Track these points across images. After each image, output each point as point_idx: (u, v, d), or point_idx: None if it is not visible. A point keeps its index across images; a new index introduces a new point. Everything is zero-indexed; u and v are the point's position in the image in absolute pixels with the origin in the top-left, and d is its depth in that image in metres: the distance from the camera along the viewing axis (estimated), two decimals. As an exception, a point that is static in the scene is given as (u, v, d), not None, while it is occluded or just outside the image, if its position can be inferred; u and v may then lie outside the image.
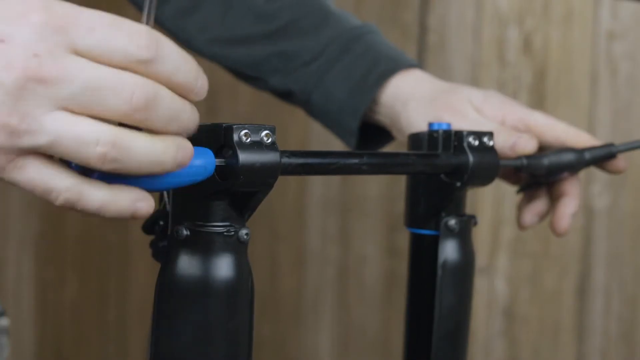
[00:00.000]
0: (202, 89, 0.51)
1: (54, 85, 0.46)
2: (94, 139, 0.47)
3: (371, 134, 0.89)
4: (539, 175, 0.79)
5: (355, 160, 0.62)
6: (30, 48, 0.46)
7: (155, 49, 0.48)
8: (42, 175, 0.48)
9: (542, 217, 0.83)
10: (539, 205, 0.83)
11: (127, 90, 0.47)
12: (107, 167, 0.48)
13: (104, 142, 0.47)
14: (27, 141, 0.47)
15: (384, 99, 0.85)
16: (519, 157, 0.77)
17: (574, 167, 0.79)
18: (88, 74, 0.47)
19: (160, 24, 0.93)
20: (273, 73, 0.90)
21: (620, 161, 0.80)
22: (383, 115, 0.86)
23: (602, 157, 0.79)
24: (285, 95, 0.91)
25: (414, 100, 0.83)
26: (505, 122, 0.80)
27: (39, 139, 0.47)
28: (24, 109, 0.46)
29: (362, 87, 0.85)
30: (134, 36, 0.48)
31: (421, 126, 0.80)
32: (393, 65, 0.86)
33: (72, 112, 0.47)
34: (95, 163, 0.47)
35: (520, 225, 0.84)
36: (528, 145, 0.77)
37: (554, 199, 0.82)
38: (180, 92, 0.50)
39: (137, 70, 0.48)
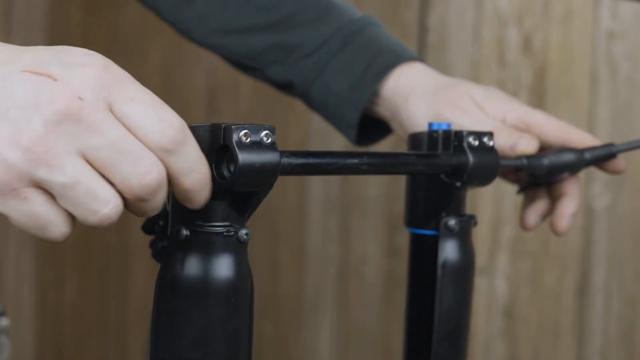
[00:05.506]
0: (199, 202, 0.53)
1: (86, 131, 0.48)
2: (107, 199, 0.49)
3: (370, 127, 0.88)
4: (539, 175, 0.79)
5: (355, 160, 0.62)
6: (77, 91, 0.48)
7: (179, 143, 0.50)
8: (47, 210, 0.49)
9: (544, 217, 0.83)
10: (541, 205, 0.83)
11: (146, 166, 0.49)
12: (101, 227, 0.50)
13: (113, 206, 0.49)
14: (44, 173, 0.48)
15: (385, 92, 0.85)
16: (519, 157, 0.77)
17: (574, 167, 0.79)
18: (119, 133, 0.49)
19: (160, 16, 0.93)
20: (272, 64, 0.89)
21: (620, 161, 0.80)
22: (384, 109, 0.86)
23: (602, 157, 0.79)
24: (285, 87, 0.91)
25: (415, 95, 0.82)
26: (506, 120, 0.80)
27: (56, 176, 0.48)
28: (53, 142, 0.47)
29: (363, 80, 0.85)
30: (166, 123, 0.50)
31: (421, 121, 0.80)
32: (394, 58, 0.85)
33: (91, 164, 0.49)
34: (94, 220, 0.50)
35: (525, 227, 0.83)
36: (529, 146, 0.77)
37: (554, 199, 0.82)
38: (182, 194, 0.52)
39: (156, 155, 0.50)
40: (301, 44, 0.88)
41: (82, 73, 0.49)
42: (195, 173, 0.51)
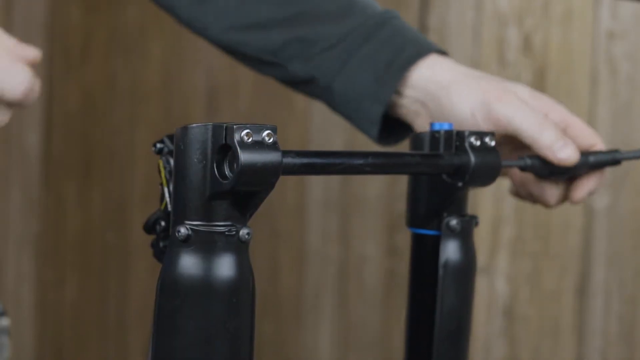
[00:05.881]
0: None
1: None
2: None
3: (390, 127, 0.87)
4: (541, 175, 0.79)
5: (359, 161, 0.62)
6: None
7: (28, 95, 0.70)
8: None
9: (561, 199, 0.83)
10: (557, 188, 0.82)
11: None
12: None
13: None
14: None
15: (416, 80, 0.83)
16: (523, 157, 0.77)
17: (576, 170, 0.78)
18: None
19: (175, 14, 0.92)
20: (293, 59, 0.87)
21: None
22: (411, 100, 0.84)
23: (606, 163, 0.79)
24: (305, 83, 0.88)
25: (458, 82, 0.81)
26: (548, 117, 0.79)
27: None
28: None
29: (388, 72, 0.83)
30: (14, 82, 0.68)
31: (466, 108, 0.79)
32: (423, 48, 0.84)
33: None
34: None
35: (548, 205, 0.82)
36: (571, 157, 0.77)
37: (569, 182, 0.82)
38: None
39: None
40: (323, 38, 0.86)
41: None
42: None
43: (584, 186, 0.81)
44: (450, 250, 0.68)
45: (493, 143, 0.68)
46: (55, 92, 1.93)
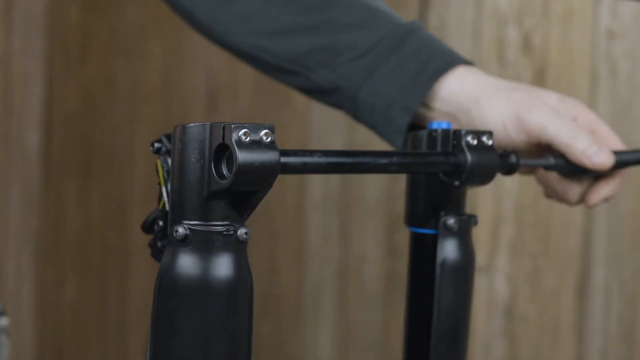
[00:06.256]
0: None
1: None
2: None
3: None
4: (565, 174, 0.80)
5: (359, 160, 0.62)
6: None
7: None
8: None
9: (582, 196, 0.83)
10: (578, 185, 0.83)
11: None
12: None
13: None
14: None
15: (444, 92, 0.83)
16: (547, 156, 0.78)
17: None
18: None
19: (194, 17, 0.90)
20: (319, 67, 0.86)
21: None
22: (439, 112, 0.84)
23: (632, 162, 0.80)
24: (327, 92, 0.88)
25: (488, 94, 0.82)
26: (577, 122, 0.80)
27: None
28: None
29: (416, 83, 0.83)
30: None
31: (497, 121, 0.80)
32: (452, 59, 0.84)
33: None
34: None
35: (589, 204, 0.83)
36: (605, 161, 0.78)
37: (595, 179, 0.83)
38: None
39: None
40: (349, 47, 0.85)
41: None
42: None
43: (601, 190, 0.82)
44: (448, 250, 0.68)
45: (490, 142, 0.68)
46: (55, 92, 1.94)
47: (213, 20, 0.89)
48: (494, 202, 1.52)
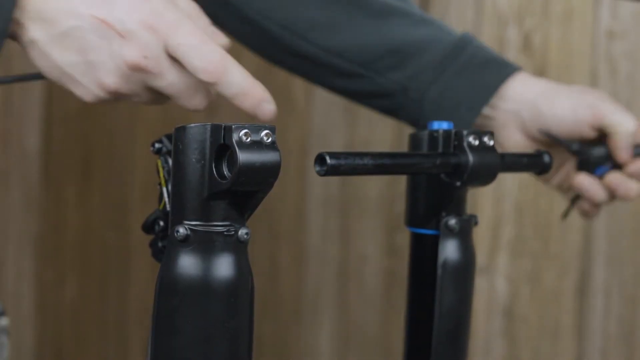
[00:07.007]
0: (266, 114, 0.67)
1: (151, 77, 0.66)
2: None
3: None
4: (584, 160, 0.87)
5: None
6: (143, 50, 0.64)
7: (220, 74, 0.64)
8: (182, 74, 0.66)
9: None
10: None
11: (198, 99, 0.68)
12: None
13: None
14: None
15: (510, 94, 0.90)
16: (574, 141, 0.87)
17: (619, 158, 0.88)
18: (175, 76, 0.66)
19: (262, 26, 0.92)
20: (388, 70, 0.91)
21: None
22: (502, 112, 0.90)
23: None
24: (389, 95, 0.92)
25: (560, 95, 0.90)
26: None
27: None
28: (127, 85, 0.67)
29: (483, 82, 0.89)
30: (205, 61, 0.64)
31: (570, 119, 0.88)
32: (510, 65, 0.91)
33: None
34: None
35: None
36: None
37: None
38: (248, 113, 0.66)
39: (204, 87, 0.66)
40: (418, 50, 0.90)
41: (143, 34, 0.64)
42: (242, 95, 0.65)
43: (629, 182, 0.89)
44: (449, 250, 0.68)
45: (492, 142, 0.68)
46: (55, 92, 1.93)
47: (291, 21, 0.92)
48: (494, 202, 1.52)
